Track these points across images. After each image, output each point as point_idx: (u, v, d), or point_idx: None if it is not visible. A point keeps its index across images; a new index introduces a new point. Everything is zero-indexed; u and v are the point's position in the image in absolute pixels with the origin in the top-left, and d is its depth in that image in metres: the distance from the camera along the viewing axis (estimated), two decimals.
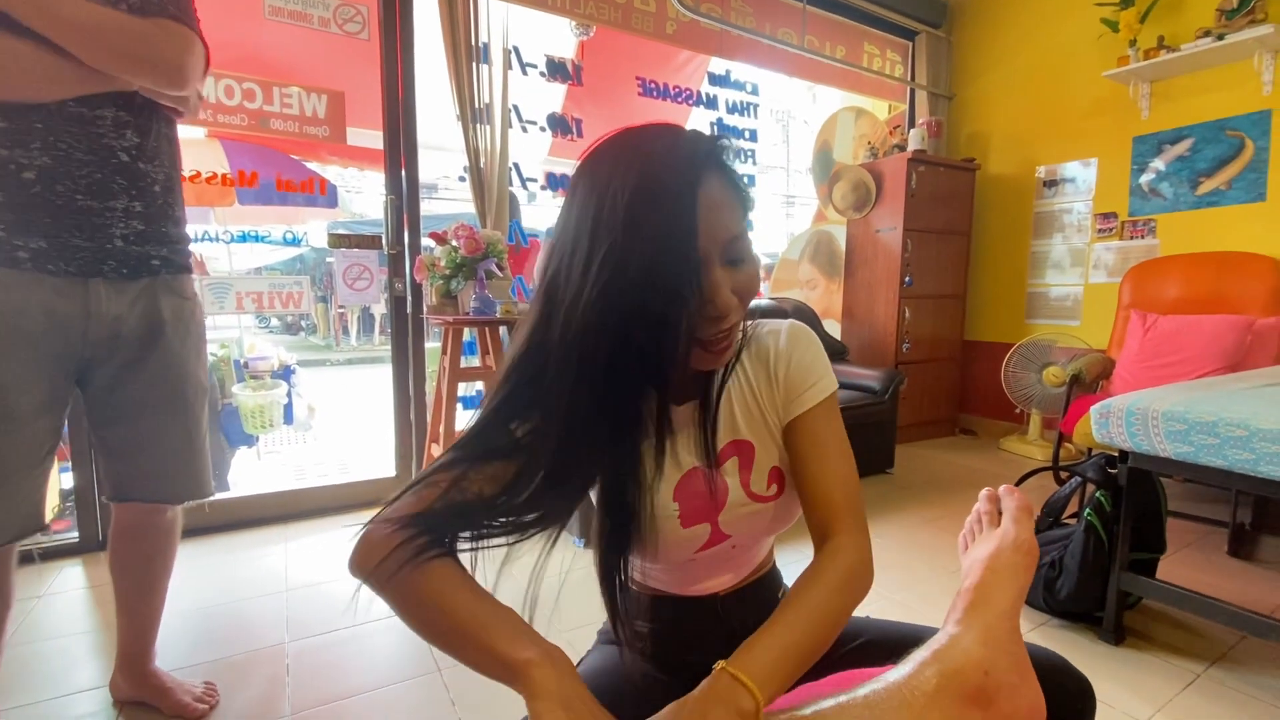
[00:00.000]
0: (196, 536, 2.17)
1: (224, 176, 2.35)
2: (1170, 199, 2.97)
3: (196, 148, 2.52)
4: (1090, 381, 2.74)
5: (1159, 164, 2.99)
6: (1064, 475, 2.32)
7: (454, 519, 0.55)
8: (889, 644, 0.70)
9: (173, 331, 1.21)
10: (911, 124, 3.81)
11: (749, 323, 0.67)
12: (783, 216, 4.79)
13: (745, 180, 0.59)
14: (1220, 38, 2.61)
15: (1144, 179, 3.05)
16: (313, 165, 2.82)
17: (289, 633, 1.60)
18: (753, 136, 3.46)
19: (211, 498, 1.32)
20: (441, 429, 2.30)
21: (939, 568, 1.95)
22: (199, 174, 2.26)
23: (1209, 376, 2.15)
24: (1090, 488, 1.65)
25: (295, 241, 2.79)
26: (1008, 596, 0.57)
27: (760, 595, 0.76)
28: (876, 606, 1.73)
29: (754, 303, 0.66)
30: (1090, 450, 2.34)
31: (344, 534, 2.23)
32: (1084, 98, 3.24)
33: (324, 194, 2.53)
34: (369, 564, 0.53)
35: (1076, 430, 2.31)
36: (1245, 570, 1.96)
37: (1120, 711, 1.29)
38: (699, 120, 3.34)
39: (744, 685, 0.47)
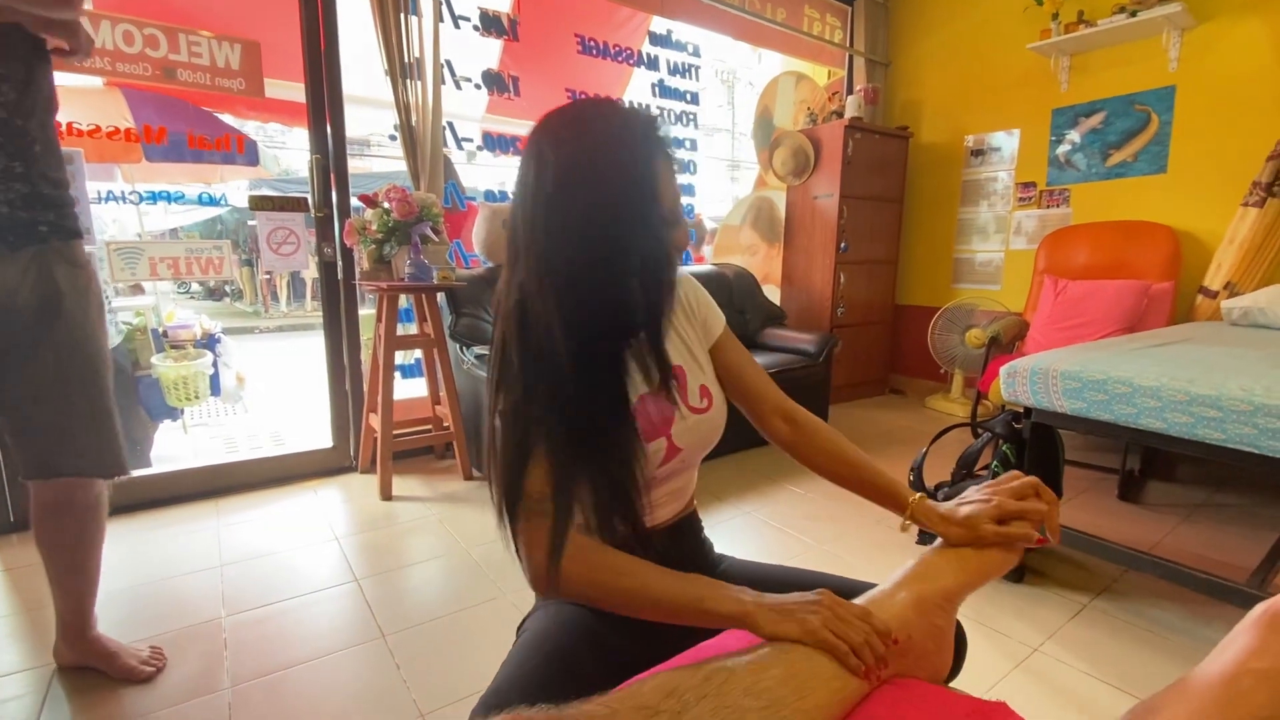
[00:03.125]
0: (123, 514, 2.08)
1: (128, 131, 2.18)
2: (1083, 170, 3.15)
3: (94, 98, 2.31)
4: (1007, 343, 2.92)
5: (1074, 136, 3.16)
6: (978, 431, 2.49)
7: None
8: (803, 589, 0.76)
9: (73, 303, 1.14)
10: (849, 90, 3.87)
11: None
12: (728, 180, 4.81)
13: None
14: (1133, 14, 2.75)
15: (1061, 150, 3.22)
16: (229, 120, 2.64)
17: (225, 607, 1.57)
18: (694, 99, 3.44)
19: (129, 474, 1.27)
20: (380, 399, 2.25)
21: (867, 520, 2.08)
22: (99, 128, 2.09)
23: (1109, 338, 2.34)
24: (999, 442, 1.78)
25: (213, 202, 2.63)
26: (957, 582, 0.62)
27: (690, 527, 0.85)
28: (808, 557, 1.84)
29: (696, 268, 0.82)
30: (1003, 407, 2.51)
31: (280, 507, 2.19)
32: (1010, 69, 3.36)
33: (242, 151, 2.38)
34: (570, 589, 0.62)
35: (992, 389, 2.48)
36: (1131, 512, 2.17)
37: (1017, 641, 1.44)
38: (640, 81, 3.29)
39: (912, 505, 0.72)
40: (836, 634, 0.52)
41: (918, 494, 0.73)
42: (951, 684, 0.65)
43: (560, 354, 0.60)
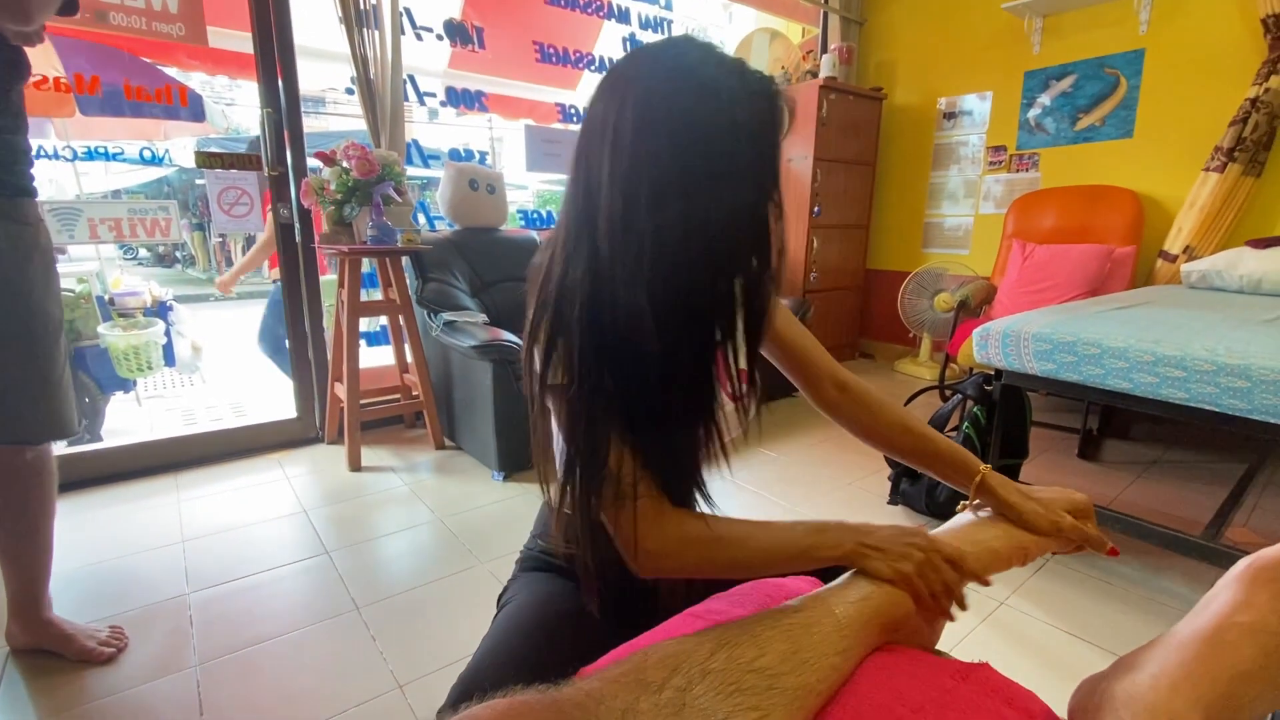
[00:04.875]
0: (77, 490, 1.99)
1: (57, 80, 2.01)
2: (1053, 134, 3.16)
3: None
4: (975, 307, 2.96)
5: (1045, 99, 3.16)
6: (947, 393, 2.54)
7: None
8: None
9: (10, 261, 1.06)
10: (824, 49, 3.79)
11: None
12: None
13: None
14: None
15: (1031, 113, 3.22)
16: (170, 71, 2.46)
17: (189, 584, 1.52)
18: None
19: (75, 435, 1.22)
20: (345, 368, 2.18)
21: (838, 482, 2.11)
22: None
23: (1073, 301, 2.39)
24: (969, 404, 1.82)
25: (156, 160, 2.46)
26: (973, 568, 0.61)
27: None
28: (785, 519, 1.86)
29: None
30: (971, 370, 2.56)
31: (244, 481, 2.12)
32: (984, 29, 3.33)
33: (186, 105, 2.23)
34: (672, 564, 0.59)
35: (961, 352, 2.52)
36: (1091, 470, 2.25)
37: (984, 595, 1.48)
38: (610, 35, 3.17)
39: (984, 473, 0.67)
40: (925, 578, 0.54)
41: (986, 464, 0.69)
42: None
43: (643, 336, 0.53)
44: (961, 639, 1.33)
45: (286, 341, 2.69)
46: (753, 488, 2.09)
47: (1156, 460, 2.33)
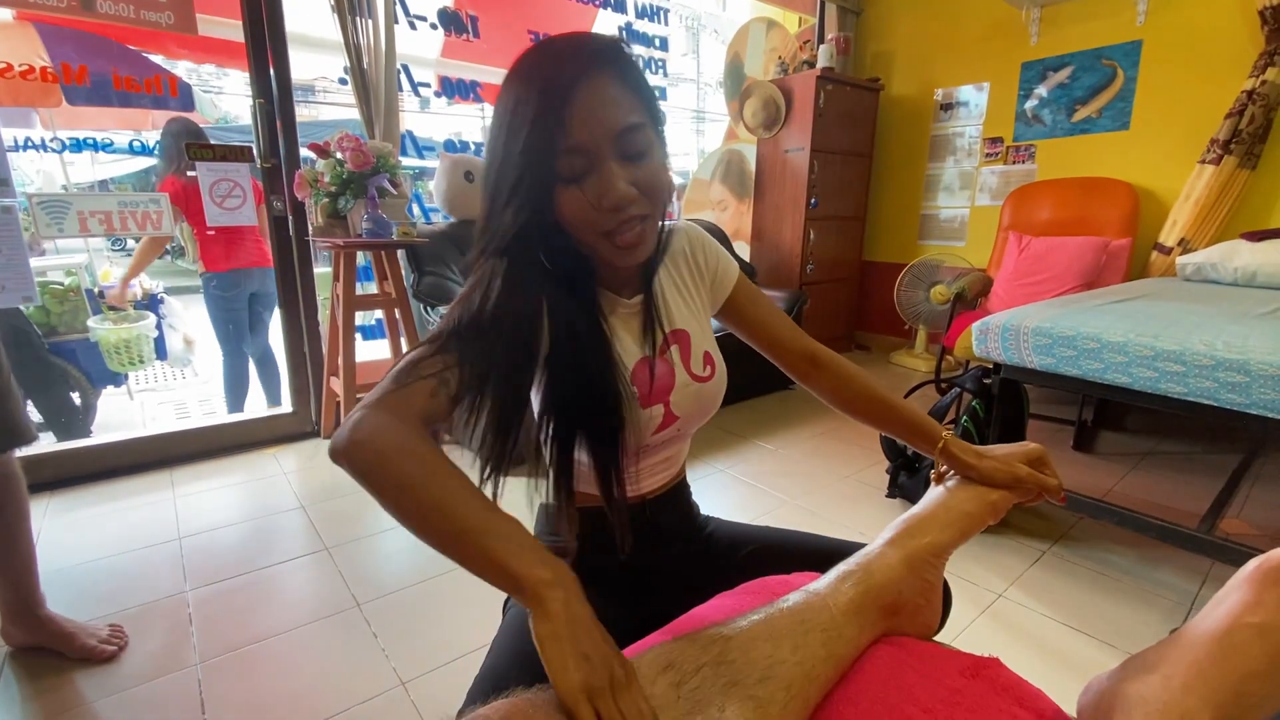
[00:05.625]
0: (70, 487, 1.98)
1: (44, 70, 1.97)
2: (1049, 125, 3.16)
3: (4, 32, 2.08)
4: (971, 299, 2.97)
5: (1042, 90, 3.16)
6: (944, 386, 2.55)
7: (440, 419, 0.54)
8: (786, 550, 0.78)
9: None
10: (820, 39, 3.77)
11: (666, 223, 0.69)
12: (693, 133, 4.69)
13: (644, 80, 0.61)
14: None
15: (1028, 105, 3.22)
16: (158, 59, 2.42)
17: (188, 581, 1.51)
18: (663, 45, 3.31)
19: (34, 440, 1.19)
20: (340, 361, 2.16)
21: (836, 475, 2.12)
22: (10, 66, 1.89)
23: (1069, 294, 2.39)
24: (967, 397, 1.82)
25: (146, 151, 2.43)
26: (946, 536, 0.62)
27: (681, 497, 0.82)
28: (783, 513, 1.87)
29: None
30: (967, 362, 2.57)
31: (240, 476, 2.11)
32: (981, 20, 3.31)
33: (175, 95, 2.19)
34: (363, 443, 0.48)
35: (958, 344, 2.52)
36: (1085, 461, 2.27)
37: (983, 588, 1.50)
38: (606, 23, 3.14)
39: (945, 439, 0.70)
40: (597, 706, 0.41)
41: (947, 430, 0.72)
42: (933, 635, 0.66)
43: (490, 307, 0.55)
44: (961, 630, 1.34)
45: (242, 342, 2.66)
46: (751, 481, 2.09)
47: (1151, 452, 2.35)
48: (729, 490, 2.04)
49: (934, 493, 0.69)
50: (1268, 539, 1.68)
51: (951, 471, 0.70)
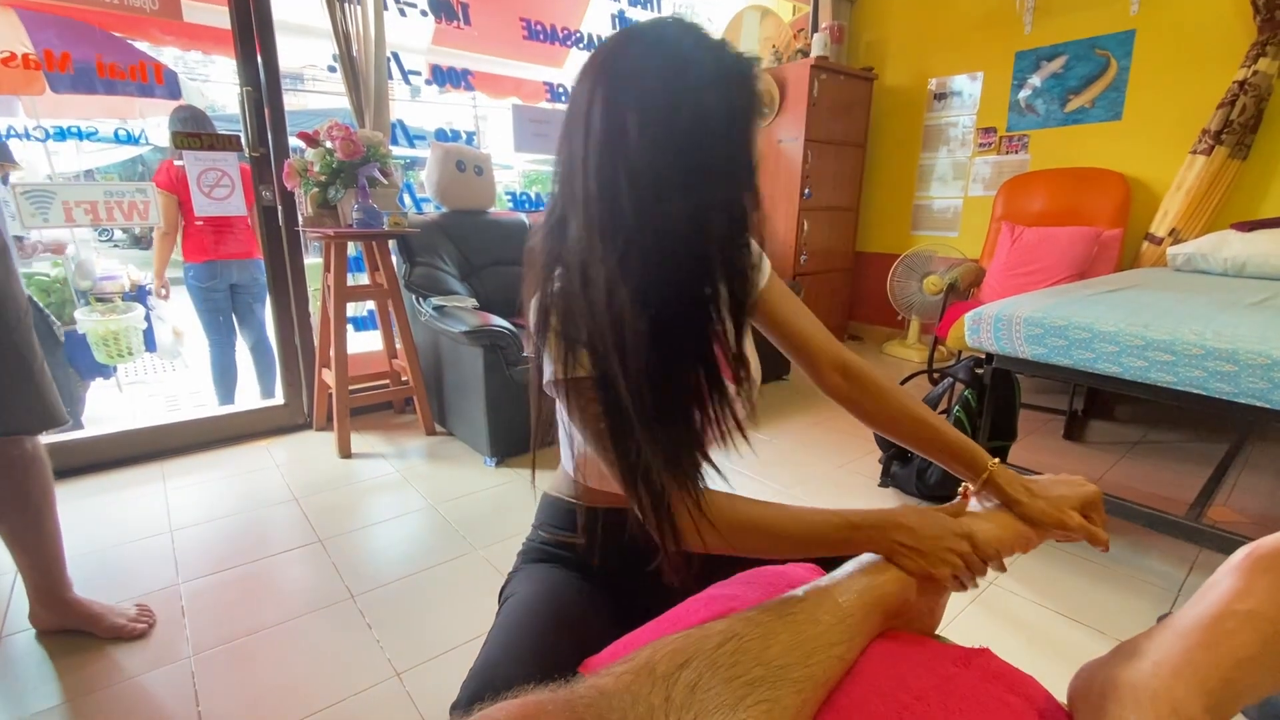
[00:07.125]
0: (60, 479, 1.92)
1: (25, 57, 1.93)
2: (1042, 115, 3.16)
3: None
4: (964, 289, 2.98)
5: (1035, 80, 3.15)
6: (937, 377, 2.56)
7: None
8: None
9: None
10: (815, 28, 3.75)
11: None
12: None
13: None
14: None
15: (1022, 95, 3.22)
16: (143, 46, 2.37)
17: (180, 574, 1.51)
18: None
19: (67, 424, 1.20)
20: (333, 354, 2.15)
21: (830, 465, 2.13)
22: None
23: (1062, 284, 2.40)
24: (959, 387, 1.83)
25: (132, 140, 2.39)
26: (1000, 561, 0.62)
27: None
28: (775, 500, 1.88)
29: None
30: (960, 353, 2.58)
31: (232, 468, 2.10)
32: (975, 8, 3.30)
33: (161, 82, 2.16)
34: (720, 546, 0.62)
35: (950, 335, 2.53)
36: (1075, 450, 2.29)
37: None
38: (598, 10, 3.11)
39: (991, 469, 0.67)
40: (958, 577, 0.57)
41: (995, 460, 0.68)
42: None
43: (630, 324, 0.51)
44: (953, 619, 1.35)
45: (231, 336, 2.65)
46: (744, 470, 2.10)
47: (1140, 440, 2.37)
48: (722, 480, 2.04)
49: (969, 508, 0.68)
50: (1255, 526, 1.71)
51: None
